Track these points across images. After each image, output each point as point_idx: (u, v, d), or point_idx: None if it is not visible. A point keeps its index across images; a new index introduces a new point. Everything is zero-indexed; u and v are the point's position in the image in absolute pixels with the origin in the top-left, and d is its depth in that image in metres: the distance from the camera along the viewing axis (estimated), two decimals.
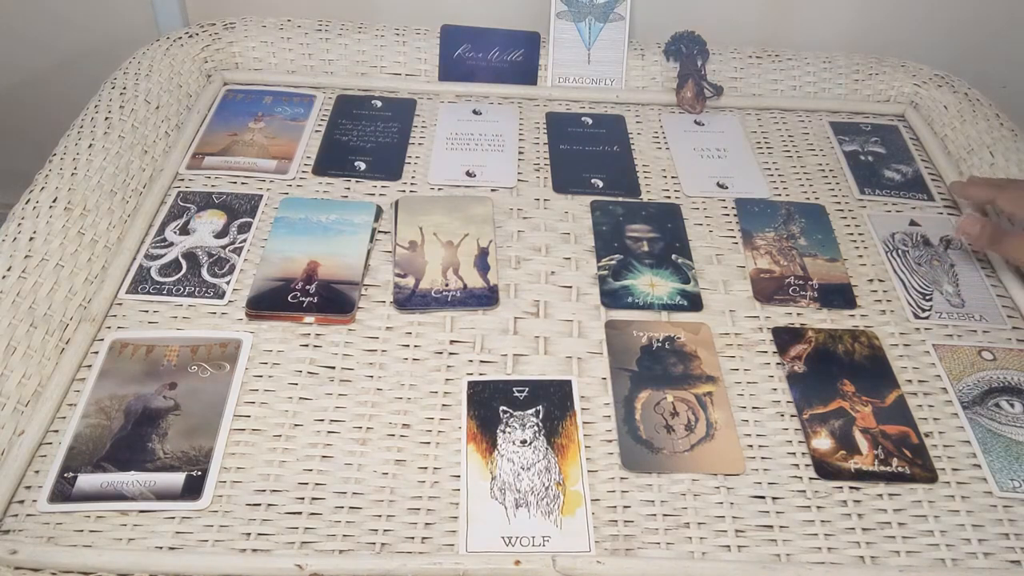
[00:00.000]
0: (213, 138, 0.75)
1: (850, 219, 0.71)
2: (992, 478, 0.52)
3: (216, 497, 0.48)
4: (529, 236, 0.67)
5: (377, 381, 0.56)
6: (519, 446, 0.52)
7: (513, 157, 0.75)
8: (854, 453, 0.53)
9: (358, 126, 0.78)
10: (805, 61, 0.85)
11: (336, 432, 0.52)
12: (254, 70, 0.83)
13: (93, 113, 0.69)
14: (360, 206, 0.68)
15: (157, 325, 0.58)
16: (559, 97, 0.83)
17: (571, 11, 0.82)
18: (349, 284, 0.61)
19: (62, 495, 0.48)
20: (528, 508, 0.49)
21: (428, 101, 0.82)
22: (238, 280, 0.61)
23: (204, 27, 0.83)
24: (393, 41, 0.83)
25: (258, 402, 0.54)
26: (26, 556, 0.45)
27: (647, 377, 0.56)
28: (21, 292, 0.55)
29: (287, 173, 0.72)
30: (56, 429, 0.51)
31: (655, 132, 0.80)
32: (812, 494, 0.51)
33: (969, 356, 0.60)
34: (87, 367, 0.55)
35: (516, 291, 0.63)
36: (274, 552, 0.46)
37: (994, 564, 0.48)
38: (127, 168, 0.67)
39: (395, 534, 0.48)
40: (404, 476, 0.50)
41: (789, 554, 0.48)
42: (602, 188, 0.73)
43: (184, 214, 0.67)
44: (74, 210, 0.61)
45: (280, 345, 0.57)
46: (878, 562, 0.48)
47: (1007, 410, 0.56)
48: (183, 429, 0.51)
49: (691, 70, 0.82)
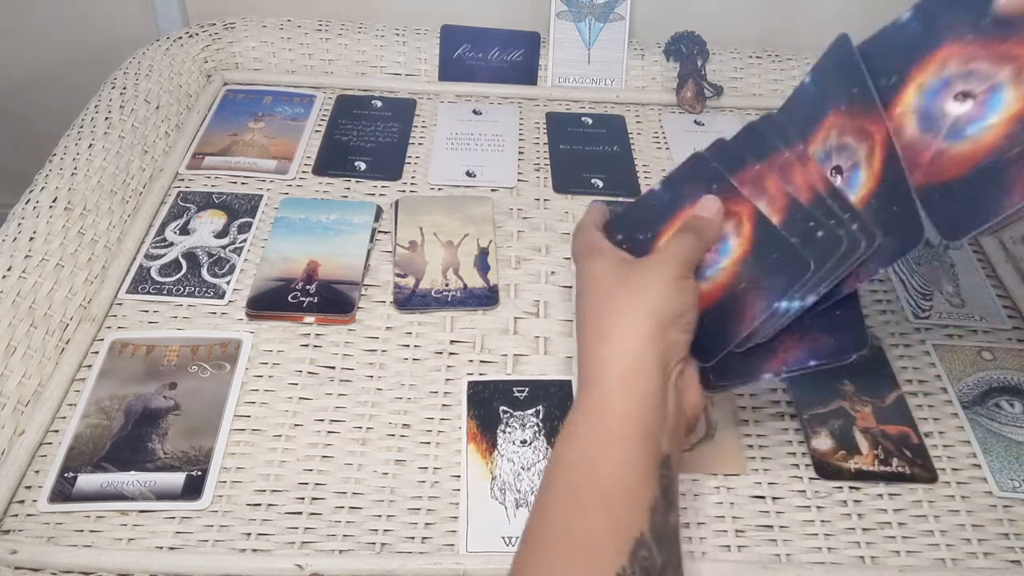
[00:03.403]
0: (213, 138, 0.75)
1: None
2: (992, 478, 0.52)
3: (216, 497, 0.48)
4: (529, 236, 0.67)
5: (377, 381, 0.56)
6: (519, 446, 0.52)
7: (513, 157, 0.75)
8: (854, 453, 0.53)
9: (358, 126, 0.78)
10: (805, 61, 0.85)
11: (336, 432, 0.52)
12: (254, 70, 0.83)
13: (93, 113, 0.69)
14: (360, 206, 0.68)
15: (157, 325, 0.58)
16: (559, 97, 0.83)
17: (571, 11, 0.82)
18: (349, 284, 0.61)
19: (62, 495, 0.48)
20: (528, 508, 0.49)
21: (428, 101, 0.82)
22: (238, 280, 0.61)
23: (204, 27, 0.83)
24: (393, 41, 0.83)
25: (258, 402, 0.54)
26: (26, 556, 0.45)
27: None
28: (21, 292, 0.55)
29: (287, 173, 0.72)
30: (56, 429, 0.51)
31: (655, 132, 0.80)
32: (812, 494, 0.51)
33: (969, 356, 0.60)
34: (87, 367, 0.55)
35: (516, 291, 0.63)
36: (274, 552, 0.46)
37: (994, 564, 0.48)
38: (127, 168, 0.67)
39: (395, 534, 0.48)
40: (404, 476, 0.50)
41: (789, 554, 0.48)
42: (602, 188, 0.73)
43: (184, 214, 0.67)
44: (74, 210, 0.61)
45: (280, 345, 0.57)
46: (878, 562, 0.48)
47: (1007, 410, 0.56)
48: (183, 429, 0.51)
49: (691, 70, 0.82)
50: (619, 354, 0.40)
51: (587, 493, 0.37)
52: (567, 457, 0.39)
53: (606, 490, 0.37)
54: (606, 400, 0.40)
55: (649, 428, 0.39)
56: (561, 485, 0.39)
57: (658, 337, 0.40)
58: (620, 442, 0.38)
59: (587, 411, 0.40)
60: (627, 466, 0.38)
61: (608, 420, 0.39)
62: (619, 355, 0.40)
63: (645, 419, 0.39)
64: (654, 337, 0.40)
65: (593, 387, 0.40)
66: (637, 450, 0.38)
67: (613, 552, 0.35)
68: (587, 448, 0.39)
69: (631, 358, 0.40)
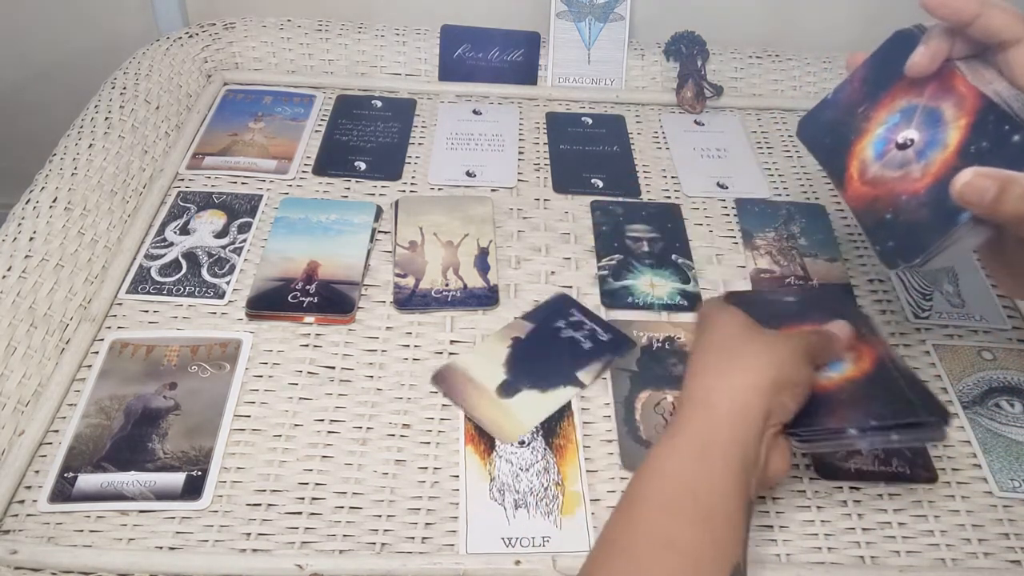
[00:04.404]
0: (213, 138, 0.75)
1: (850, 219, 0.71)
2: (992, 478, 0.52)
3: (216, 497, 0.48)
4: (529, 236, 0.67)
5: (377, 381, 0.56)
6: (517, 447, 0.52)
7: (513, 157, 0.75)
8: (854, 453, 0.53)
9: (358, 126, 0.78)
10: (805, 61, 0.85)
11: (336, 432, 0.52)
12: (254, 70, 0.83)
13: (93, 113, 0.69)
14: (360, 206, 0.68)
15: (157, 325, 0.58)
16: (559, 97, 0.83)
17: (571, 11, 0.82)
18: (349, 284, 0.61)
19: (62, 495, 0.48)
20: (527, 508, 0.49)
21: (428, 101, 0.82)
22: (238, 280, 0.61)
23: (204, 27, 0.83)
24: (393, 41, 0.83)
25: (258, 402, 0.54)
26: (26, 556, 0.45)
27: (647, 377, 0.56)
28: (21, 292, 0.55)
29: (287, 173, 0.72)
30: (56, 429, 0.51)
31: (655, 132, 0.80)
32: (812, 494, 0.51)
33: (969, 356, 0.60)
34: (87, 367, 0.55)
35: (516, 291, 0.63)
36: (274, 552, 0.46)
37: (994, 564, 0.48)
38: (127, 168, 0.67)
39: (395, 534, 0.48)
40: (404, 476, 0.50)
41: (789, 554, 0.48)
42: (602, 188, 0.73)
43: (184, 214, 0.67)
44: (74, 210, 0.61)
45: (280, 345, 0.57)
46: (878, 562, 0.48)
47: (1007, 410, 0.56)
48: (183, 429, 0.51)
49: (691, 70, 0.82)
50: (735, 389, 0.42)
51: (689, 509, 0.38)
52: (666, 469, 0.40)
53: (706, 510, 0.38)
54: (714, 425, 0.41)
55: (748, 466, 0.40)
56: (658, 495, 0.39)
57: (772, 391, 0.42)
58: (724, 468, 0.39)
59: (693, 431, 0.41)
60: (726, 495, 0.39)
61: (714, 443, 0.40)
62: (734, 390, 0.42)
63: (746, 457, 0.40)
64: (768, 389, 0.42)
65: (703, 409, 0.41)
66: (737, 481, 0.39)
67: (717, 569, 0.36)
68: (690, 465, 0.40)
69: (744, 398, 0.41)
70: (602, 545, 0.39)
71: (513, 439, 0.52)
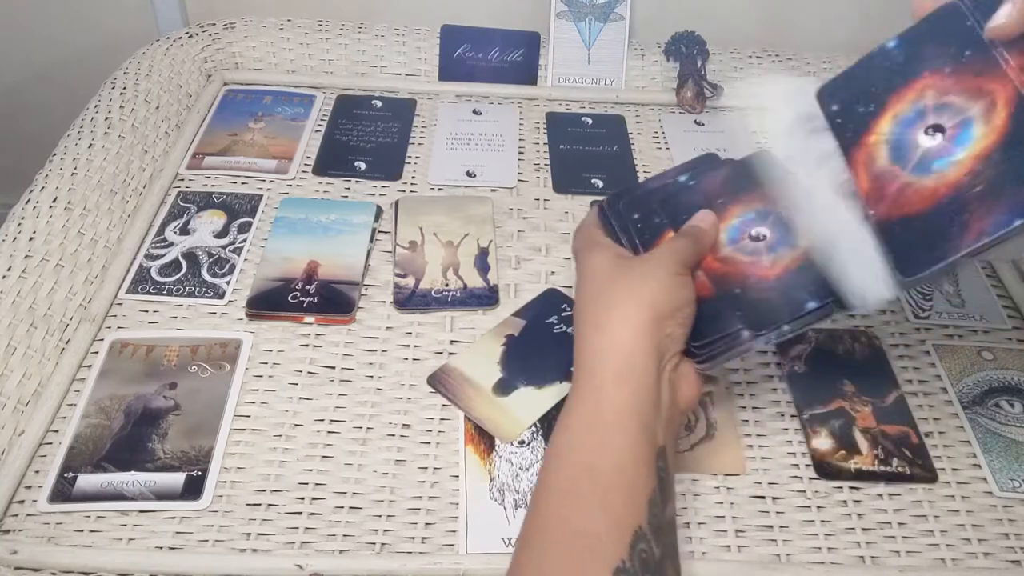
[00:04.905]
0: (213, 138, 0.75)
1: None
2: (992, 478, 0.52)
3: (216, 497, 0.48)
4: (529, 236, 0.67)
5: (377, 381, 0.56)
6: (517, 447, 0.52)
7: (513, 157, 0.75)
8: (854, 453, 0.53)
9: (358, 126, 0.78)
10: (805, 61, 0.85)
11: (336, 432, 0.52)
12: (254, 70, 0.83)
13: (93, 113, 0.69)
14: (360, 206, 0.68)
15: (157, 325, 0.58)
16: (559, 97, 0.83)
17: (571, 11, 0.82)
18: (349, 284, 0.61)
19: (62, 495, 0.48)
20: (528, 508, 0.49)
21: (428, 101, 0.82)
22: (238, 280, 0.61)
23: (204, 27, 0.83)
24: (393, 41, 0.83)
25: (258, 402, 0.54)
26: (26, 556, 0.45)
27: None
28: (21, 292, 0.55)
29: (287, 173, 0.72)
30: (56, 429, 0.51)
31: (655, 132, 0.80)
32: (812, 494, 0.51)
33: (969, 356, 0.60)
34: (87, 367, 0.55)
35: (516, 291, 0.63)
36: (274, 552, 0.46)
37: (994, 564, 0.48)
38: (127, 168, 0.67)
39: (395, 534, 0.48)
40: (404, 476, 0.50)
41: (789, 554, 0.48)
42: (602, 188, 0.73)
43: (184, 214, 0.67)
44: (74, 210, 0.61)
45: (280, 345, 0.57)
46: (878, 562, 0.48)
47: (1007, 410, 0.56)
48: (183, 429, 0.51)
49: (691, 70, 0.82)
50: (615, 343, 0.40)
51: (584, 487, 0.37)
52: (562, 450, 0.39)
53: (603, 483, 0.37)
54: (601, 391, 0.39)
55: (645, 419, 0.39)
56: (556, 481, 0.38)
57: (654, 328, 0.41)
58: (617, 433, 0.38)
59: (582, 403, 0.40)
60: (624, 458, 0.38)
61: (604, 411, 0.39)
62: (615, 345, 0.40)
63: (641, 410, 0.39)
64: (650, 328, 0.40)
65: (588, 378, 0.40)
66: (634, 441, 0.38)
67: (612, 546, 0.35)
68: (583, 441, 0.39)
69: (627, 348, 0.40)
70: (517, 540, 0.39)
71: (512, 437, 0.52)
